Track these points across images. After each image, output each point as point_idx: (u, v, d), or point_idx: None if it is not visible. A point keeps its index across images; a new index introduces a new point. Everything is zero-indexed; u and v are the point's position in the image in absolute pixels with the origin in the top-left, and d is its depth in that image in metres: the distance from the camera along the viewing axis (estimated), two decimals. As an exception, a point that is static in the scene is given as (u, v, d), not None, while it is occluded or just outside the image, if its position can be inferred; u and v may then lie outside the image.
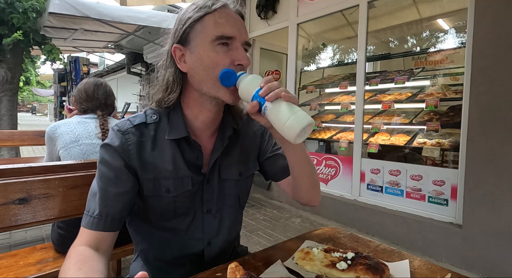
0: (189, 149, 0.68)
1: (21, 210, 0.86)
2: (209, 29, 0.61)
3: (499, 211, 1.87)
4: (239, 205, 0.78)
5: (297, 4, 3.31)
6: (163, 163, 0.66)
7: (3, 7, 3.47)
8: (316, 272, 0.61)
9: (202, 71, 0.62)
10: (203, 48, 0.62)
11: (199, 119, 0.69)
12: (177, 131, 0.66)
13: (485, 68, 1.94)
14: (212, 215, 0.72)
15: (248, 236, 2.46)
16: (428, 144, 2.38)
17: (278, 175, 0.82)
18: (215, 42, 0.61)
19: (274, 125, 0.57)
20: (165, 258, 0.73)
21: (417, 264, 0.65)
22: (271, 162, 0.82)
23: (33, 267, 1.10)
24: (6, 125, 4.03)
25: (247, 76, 0.61)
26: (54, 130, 1.27)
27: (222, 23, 0.61)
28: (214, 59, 0.61)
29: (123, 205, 0.63)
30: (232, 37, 0.62)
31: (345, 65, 3.76)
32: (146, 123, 0.67)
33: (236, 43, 0.63)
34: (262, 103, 0.57)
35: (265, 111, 0.57)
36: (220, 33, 0.61)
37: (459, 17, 2.96)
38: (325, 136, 3.19)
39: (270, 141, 0.83)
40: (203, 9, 0.62)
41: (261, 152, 0.82)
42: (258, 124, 0.82)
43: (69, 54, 6.27)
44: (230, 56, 0.62)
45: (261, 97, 0.57)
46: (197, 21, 0.62)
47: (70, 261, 0.53)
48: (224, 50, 0.62)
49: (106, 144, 0.64)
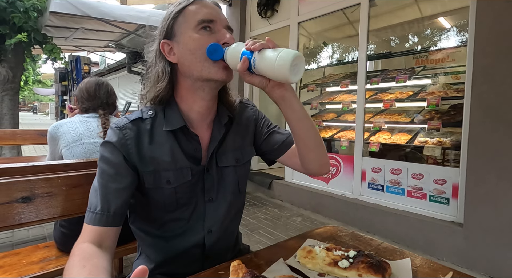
0: (186, 141, 0.70)
1: (24, 209, 0.86)
2: (190, 17, 0.66)
3: (501, 209, 1.87)
4: (238, 191, 0.79)
5: (298, 3, 3.30)
6: (161, 155, 0.67)
7: (4, 6, 3.47)
8: (318, 271, 0.61)
9: (190, 55, 0.66)
10: (187, 34, 0.66)
11: (194, 110, 0.71)
12: (174, 123, 0.68)
13: (486, 66, 1.93)
14: (213, 203, 0.74)
15: (249, 235, 2.47)
16: (429, 143, 2.38)
17: (278, 150, 0.82)
18: (198, 27, 0.65)
19: (267, 73, 0.58)
20: (166, 255, 0.73)
21: (419, 262, 0.65)
22: (267, 141, 0.83)
23: (36, 265, 1.11)
24: (8, 125, 4.04)
25: (232, 45, 0.64)
26: (56, 129, 1.28)
27: (202, 10, 0.66)
28: (199, 42, 0.65)
29: (123, 200, 0.64)
30: (213, 20, 0.66)
31: (346, 64, 3.76)
32: (143, 118, 0.69)
33: (218, 26, 0.67)
34: (250, 58, 0.58)
35: (255, 65, 0.58)
36: (201, 17, 0.65)
37: (460, 16, 2.95)
38: (326, 135, 3.19)
39: (264, 124, 0.84)
40: (182, 3, 0.67)
41: (257, 136, 0.84)
42: (251, 111, 0.84)
43: (70, 53, 6.27)
44: (215, 37, 0.66)
45: (248, 52, 0.59)
46: (179, 13, 0.67)
47: (74, 259, 0.53)
48: (208, 33, 0.66)
49: (105, 141, 0.66)
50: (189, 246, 0.73)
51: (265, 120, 0.86)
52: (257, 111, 0.86)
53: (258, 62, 0.57)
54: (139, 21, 3.59)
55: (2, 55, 3.89)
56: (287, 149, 0.81)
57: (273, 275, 0.57)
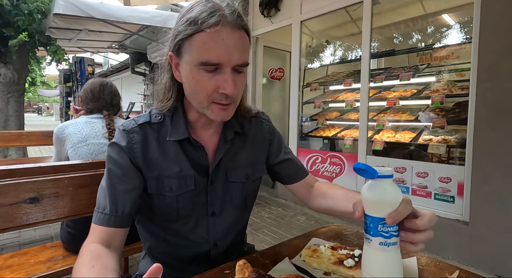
0: (192, 148, 0.69)
1: (32, 209, 0.87)
2: (195, 51, 0.58)
3: (507, 208, 1.85)
4: (245, 206, 0.78)
5: (300, 2, 3.29)
6: (166, 162, 0.67)
7: (9, 9, 3.50)
8: (323, 269, 0.61)
9: (189, 90, 0.63)
10: (189, 68, 0.60)
11: (200, 122, 0.70)
12: (178, 133, 0.67)
13: (491, 63, 1.91)
14: (217, 217, 0.73)
15: (254, 234, 2.47)
16: (434, 141, 2.37)
17: (288, 179, 0.84)
18: (200, 67, 0.58)
19: (367, 267, 0.49)
20: (172, 256, 0.74)
21: (425, 261, 0.65)
22: (282, 166, 0.83)
23: (43, 265, 1.12)
24: (14, 126, 4.09)
25: (390, 184, 0.48)
26: (62, 131, 1.29)
27: (209, 47, 0.56)
28: (197, 84, 0.60)
29: (132, 201, 0.64)
30: (218, 63, 0.57)
31: (349, 62, 3.74)
32: (150, 122, 0.68)
33: (225, 68, 0.58)
34: (376, 234, 0.47)
35: (370, 244, 0.48)
36: (204, 59, 0.57)
37: (465, 12, 2.92)
38: (330, 134, 3.18)
39: (281, 146, 0.84)
40: (193, 26, 0.57)
41: (271, 155, 0.82)
42: (267, 128, 0.83)
43: (74, 54, 6.32)
44: (216, 82, 0.59)
45: (386, 231, 0.47)
46: (187, 39, 0.58)
47: (83, 258, 0.54)
48: (209, 76, 0.58)
49: (113, 142, 0.66)
50: (193, 255, 0.73)
51: (281, 142, 0.85)
52: (272, 128, 0.84)
53: (374, 254, 0.49)
54: (142, 21, 3.61)
55: (7, 57, 3.93)
56: (297, 181, 0.83)
57: (278, 274, 0.57)
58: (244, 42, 0.60)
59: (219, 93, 0.59)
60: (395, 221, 0.46)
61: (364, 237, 0.50)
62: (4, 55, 3.89)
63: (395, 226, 0.48)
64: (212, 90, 0.59)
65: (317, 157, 3.18)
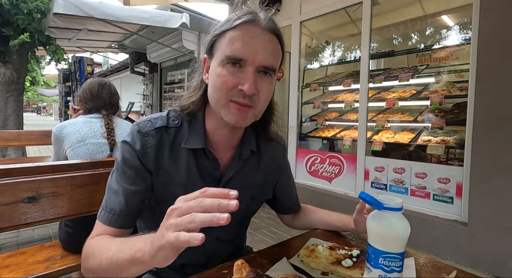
0: (206, 158, 0.68)
1: (30, 209, 0.87)
2: (224, 46, 0.59)
3: (505, 208, 1.85)
4: (242, 223, 0.79)
5: (300, 2, 3.30)
6: (176, 170, 0.66)
7: (8, 8, 3.49)
8: (321, 269, 0.61)
9: (211, 87, 0.62)
10: (216, 63, 0.60)
11: (217, 134, 0.68)
12: (195, 142, 0.66)
13: (490, 64, 1.92)
14: (215, 233, 0.71)
15: (252, 234, 2.47)
16: (432, 142, 2.37)
17: (285, 210, 0.89)
18: (225, 61, 0.58)
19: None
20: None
21: (423, 261, 0.65)
22: (286, 198, 0.87)
23: (42, 264, 1.12)
24: (13, 125, 4.08)
25: (397, 218, 0.47)
26: (60, 130, 1.29)
27: (237, 42, 0.57)
28: (219, 78, 0.59)
29: (139, 203, 0.64)
30: (242, 59, 0.57)
31: (348, 63, 3.74)
32: (167, 127, 0.66)
33: (249, 67, 0.58)
34: (375, 265, 0.46)
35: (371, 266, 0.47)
36: (229, 53, 0.57)
37: (464, 13, 2.93)
38: (329, 134, 3.19)
39: (289, 177, 0.87)
40: (226, 24, 0.60)
41: (279, 184, 0.84)
42: (281, 153, 0.83)
43: (74, 54, 6.31)
44: (237, 78, 0.58)
45: (388, 265, 0.45)
46: (219, 36, 0.60)
47: (101, 241, 0.55)
48: (233, 71, 0.58)
49: (127, 142, 0.64)
50: (191, 263, 0.73)
51: (290, 173, 0.87)
52: (286, 154, 0.86)
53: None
54: (141, 21, 3.60)
55: (7, 57, 3.93)
56: (289, 214, 0.90)
57: (276, 274, 0.57)
58: (274, 45, 0.61)
59: (238, 90, 0.58)
60: None
61: (365, 264, 0.49)
62: (4, 54, 3.88)
63: (398, 261, 0.45)
64: (232, 86, 0.58)
65: (316, 157, 3.18)
